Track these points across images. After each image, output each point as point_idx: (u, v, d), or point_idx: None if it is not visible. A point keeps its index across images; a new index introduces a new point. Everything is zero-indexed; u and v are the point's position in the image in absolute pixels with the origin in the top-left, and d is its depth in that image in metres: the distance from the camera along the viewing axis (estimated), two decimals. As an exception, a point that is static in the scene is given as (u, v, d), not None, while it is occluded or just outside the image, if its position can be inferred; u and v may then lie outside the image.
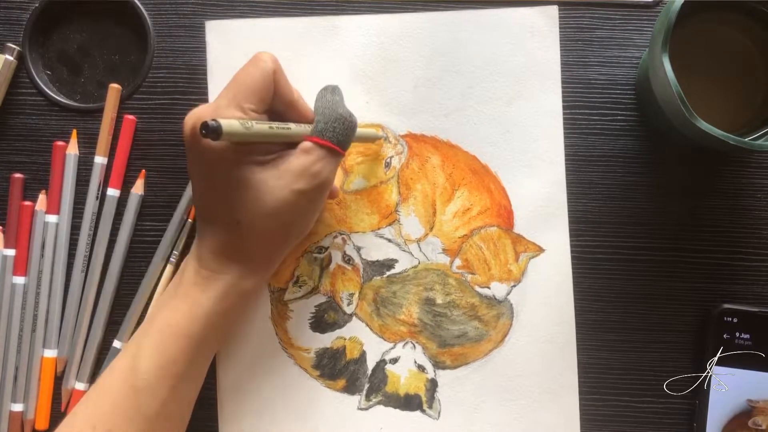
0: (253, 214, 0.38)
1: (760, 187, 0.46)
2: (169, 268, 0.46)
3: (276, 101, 0.39)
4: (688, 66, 0.41)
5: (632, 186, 0.46)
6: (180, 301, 0.39)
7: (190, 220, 0.46)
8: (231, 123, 0.34)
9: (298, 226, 0.41)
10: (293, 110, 0.40)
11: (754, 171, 0.46)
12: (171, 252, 0.46)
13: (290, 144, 0.39)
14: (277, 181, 0.38)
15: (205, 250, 0.40)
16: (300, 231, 0.42)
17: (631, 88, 0.47)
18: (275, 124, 0.37)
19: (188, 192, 0.46)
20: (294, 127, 0.38)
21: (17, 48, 0.47)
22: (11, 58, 0.46)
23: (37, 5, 0.47)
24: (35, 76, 0.47)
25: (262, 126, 0.36)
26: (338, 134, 0.39)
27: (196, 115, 0.37)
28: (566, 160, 0.46)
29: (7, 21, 0.47)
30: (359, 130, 0.42)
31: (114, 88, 0.46)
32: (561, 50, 0.47)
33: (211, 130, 0.33)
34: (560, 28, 0.47)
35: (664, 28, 0.37)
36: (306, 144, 0.39)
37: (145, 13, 0.47)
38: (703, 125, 0.37)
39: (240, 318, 0.46)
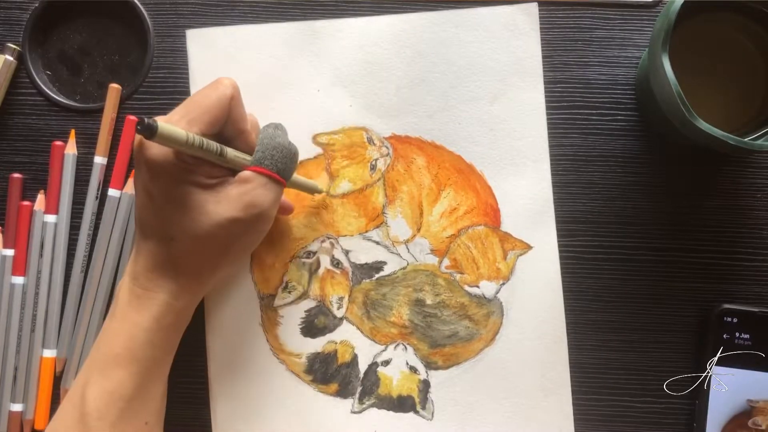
0: (186, 233, 0.38)
1: (760, 187, 0.46)
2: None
3: (228, 127, 0.39)
4: (688, 66, 0.41)
5: (632, 186, 0.46)
6: (118, 323, 0.39)
7: None
8: (168, 126, 0.34)
9: (234, 252, 0.40)
10: (242, 140, 0.40)
11: (754, 171, 0.46)
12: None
13: (235, 171, 0.39)
14: (215, 206, 0.38)
15: (139, 266, 0.39)
16: (236, 256, 0.41)
17: (631, 88, 0.47)
18: (214, 144, 0.37)
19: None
20: (231, 154, 0.38)
21: (17, 48, 0.47)
22: (11, 58, 0.46)
23: (37, 5, 0.47)
24: (35, 76, 0.47)
25: (199, 140, 0.36)
26: (277, 162, 0.39)
27: None
28: (566, 159, 0.46)
29: (7, 21, 0.47)
30: (299, 179, 0.43)
31: (114, 88, 0.46)
32: (560, 50, 0.47)
33: (146, 126, 0.33)
34: (560, 28, 0.47)
35: (664, 28, 0.37)
36: (244, 173, 0.39)
37: (145, 13, 0.47)
38: (703, 125, 0.37)
39: (180, 335, 0.43)
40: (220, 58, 0.47)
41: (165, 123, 0.34)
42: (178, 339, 0.42)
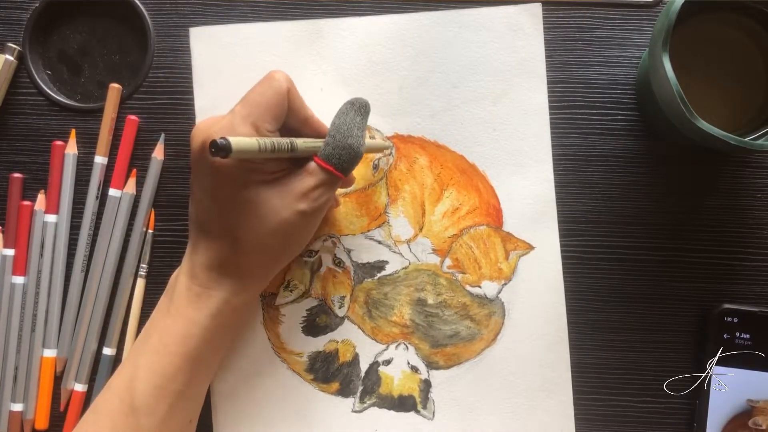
0: (254, 232, 0.38)
1: (760, 187, 0.46)
2: (140, 282, 0.46)
3: (290, 119, 0.39)
4: (688, 66, 0.41)
5: (632, 186, 0.46)
6: (173, 320, 0.39)
7: (150, 231, 0.46)
8: (240, 141, 0.34)
9: (295, 244, 0.41)
10: (307, 127, 0.40)
11: (754, 171, 0.46)
12: (138, 265, 0.46)
13: (295, 160, 0.39)
14: (281, 200, 0.38)
15: (198, 264, 0.39)
16: (296, 249, 0.42)
17: (631, 88, 0.47)
18: (284, 141, 0.37)
19: (144, 203, 0.46)
20: (302, 145, 0.38)
21: (17, 48, 0.47)
22: (11, 58, 0.46)
23: (37, 5, 0.47)
24: (35, 76, 0.47)
25: (270, 143, 0.36)
26: (343, 161, 0.39)
27: (206, 130, 0.37)
28: (567, 159, 0.46)
29: (7, 21, 0.47)
30: (369, 142, 0.42)
31: (114, 88, 0.46)
32: (561, 50, 0.47)
33: (220, 148, 0.32)
34: (560, 28, 0.47)
35: (664, 28, 0.37)
36: (312, 165, 0.39)
37: (145, 13, 0.47)
38: (703, 125, 0.37)
39: (235, 333, 0.45)
40: (223, 56, 0.47)
41: (237, 139, 0.33)
42: (231, 339, 0.42)
